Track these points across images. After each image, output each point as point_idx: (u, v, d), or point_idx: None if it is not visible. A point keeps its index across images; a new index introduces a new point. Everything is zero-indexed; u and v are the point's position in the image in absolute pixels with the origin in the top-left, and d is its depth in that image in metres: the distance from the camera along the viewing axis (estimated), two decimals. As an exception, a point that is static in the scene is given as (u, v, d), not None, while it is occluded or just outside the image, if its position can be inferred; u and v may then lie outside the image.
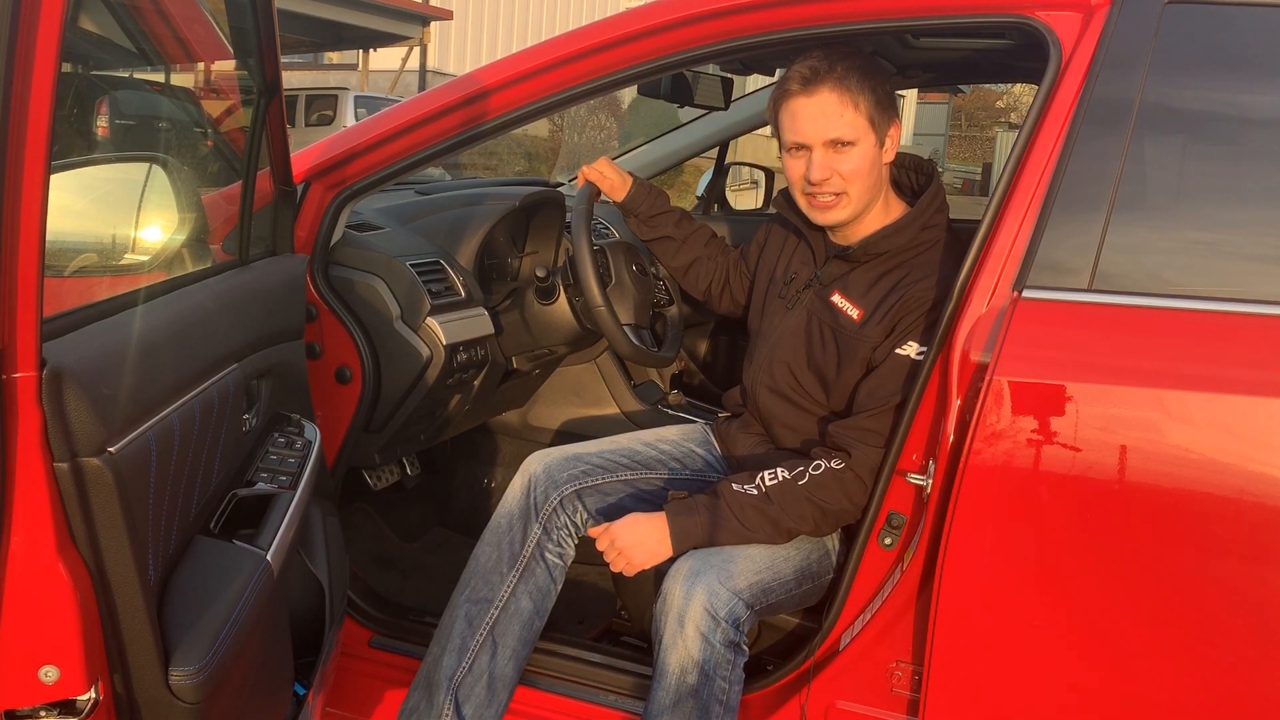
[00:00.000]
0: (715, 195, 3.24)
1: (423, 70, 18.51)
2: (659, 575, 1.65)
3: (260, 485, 1.41)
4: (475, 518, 2.59)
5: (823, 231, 1.78)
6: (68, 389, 0.97)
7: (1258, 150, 1.43)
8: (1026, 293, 1.41)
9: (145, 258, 1.48)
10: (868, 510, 1.59)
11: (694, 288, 2.12)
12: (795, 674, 1.70)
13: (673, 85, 2.65)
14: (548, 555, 1.81)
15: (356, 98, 13.95)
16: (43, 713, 1.03)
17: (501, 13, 21.35)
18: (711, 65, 2.21)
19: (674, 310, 2.45)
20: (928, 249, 1.67)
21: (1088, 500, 1.36)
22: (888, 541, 1.57)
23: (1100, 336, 1.40)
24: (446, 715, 1.74)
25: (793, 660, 1.69)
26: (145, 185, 1.49)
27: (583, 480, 1.85)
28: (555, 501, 1.81)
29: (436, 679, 1.77)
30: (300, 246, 1.81)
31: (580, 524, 1.83)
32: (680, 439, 1.99)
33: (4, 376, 0.93)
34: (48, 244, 0.94)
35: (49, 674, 1.00)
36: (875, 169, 1.67)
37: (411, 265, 1.93)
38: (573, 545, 1.84)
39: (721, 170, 3.24)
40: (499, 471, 2.69)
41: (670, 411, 2.53)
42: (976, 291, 1.45)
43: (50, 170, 0.94)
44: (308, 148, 1.88)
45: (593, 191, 2.03)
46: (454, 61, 19.47)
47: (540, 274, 2.15)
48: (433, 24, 18.40)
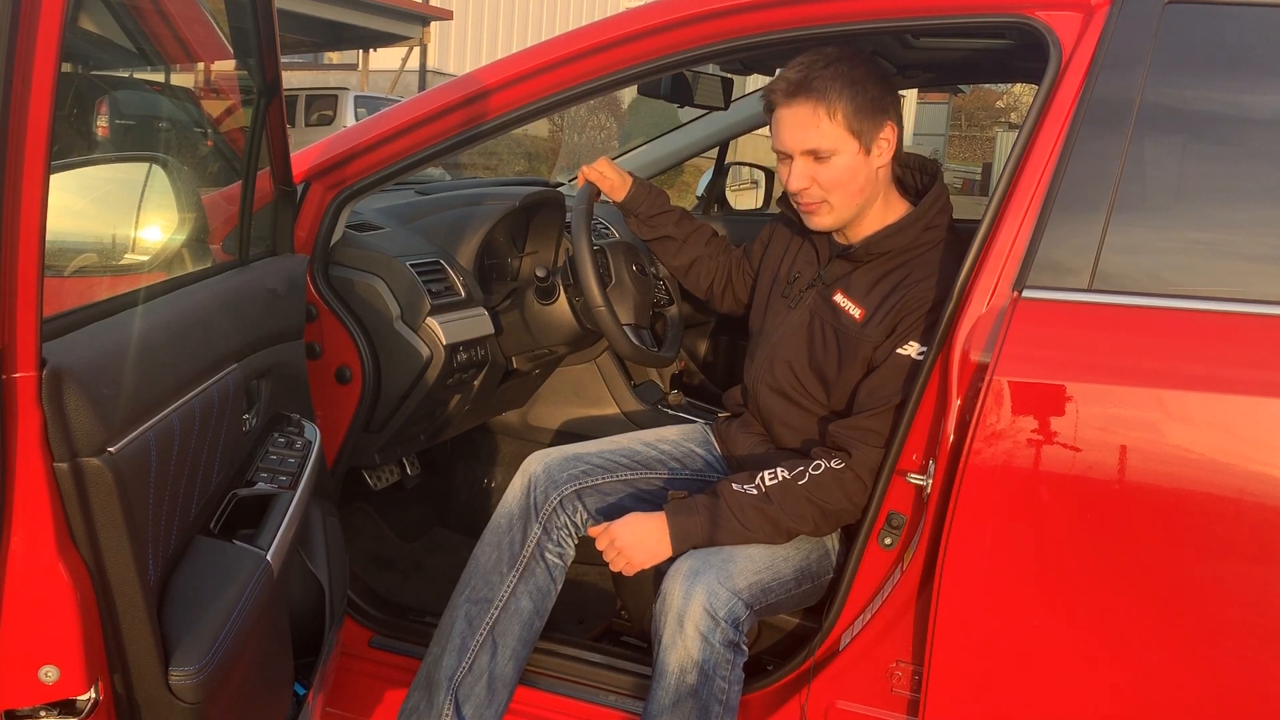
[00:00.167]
0: (715, 195, 3.24)
1: (423, 70, 18.51)
2: (659, 575, 1.65)
3: (260, 485, 1.41)
4: (475, 518, 2.59)
5: (826, 231, 1.78)
6: (68, 389, 0.97)
7: (1258, 150, 1.43)
8: (1026, 293, 1.41)
9: (145, 258, 1.48)
10: (868, 510, 1.59)
11: (695, 287, 2.12)
12: (795, 674, 1.70)
13: (673, 85, 2.65)
14: (548, 555, 1.81)
15: (356, 98, 13.95)
16: (43, 713, 1.03)
17: (501, 13, 21.35)
18: (711, 65, 2.21)
19: (674, 310, 2.45)
20: (930, 249, 1.67)
21: (1088, 500, 1.36)
22: (888, 541, 1.57)
23: (1100, 336, 1.40)
24: (446, 715, 1.74)
25: (793, 660, 1.69)
26: (145, 185, 1.49)
27: (583, 480, 1.85)
28: (555, 501, 1.81)
29: (436, 679, 1.77)
30: (300, 246, 1.81)
31: (580, 524, 1.83)
32: (680, 439, 1.98)
33: (4, 376, 0.93)
34: (48, 244, 0.94)
35: (49, 674, 1.00)
36: (860, 177, 1.65)
37: (411, 265, 1.93)
38: (573, 545, 1.84)
39: (721, 170, 3.24)
40: (499, 471, 2.69)
41: (670, 411, 2.53)
42: (976, 291, 1.45)
43: (50, 170, 0.94)
44: (308, 148, 1.88)
45: (593, 191, 2.03)
46: (454, 61, 19.47)
47: (540, 274, 2.15)
48: (433, 24, 18.40)
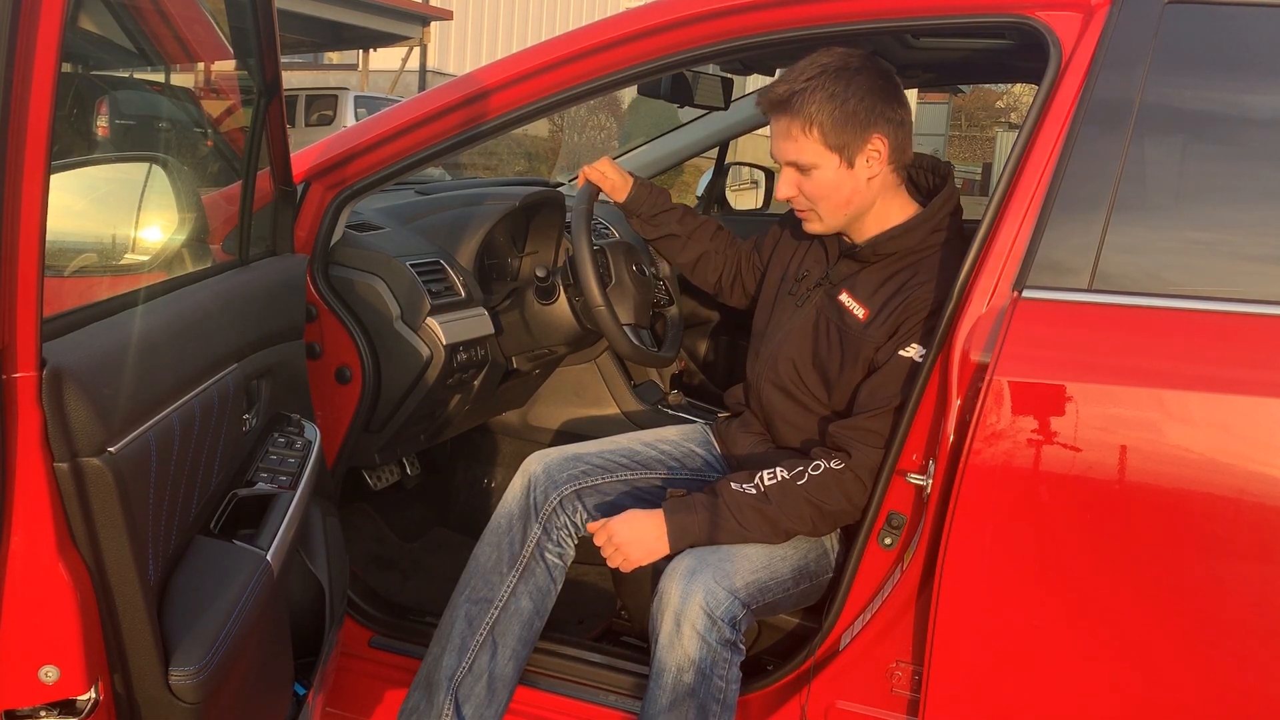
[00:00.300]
0: (715, 195, 3.24)
1: (423, 70, 18.51)
2: (658, 575, 1.65)
3: (260, 485, 1.41)
4: (475, 518, 2.59)
5: (823, 234, 1.78)
6: (68, 389, 0.97)
7: (1258, 150, 1.43)
8: (1026, 293, 1.41)
9: (145, 258, 1.48)
10: (868, 510, 1.59)
11: (704, 281, 2.10)
12: (795, 674, 1.70)
13: (673, 85, 2.65)
14: (548, 555, 1.81)
15: (356, 98, 13.95)
16: (43, 713, 1.02)
17: (501, 13, 21.35)
18: (711, 65, 2.21)
19: (674, 310, 2.45)
20: (937, 251, 1.67)
21: (1088, 500, 1.36)
22: (888, 541, 1.57)
23: (1100, 336, 1.40)
24: (446, 715, 1.74)
25: (793, 660, 1.69)
26: (145, 185, 1.49)
27: (582, 480, 1.85)
28: (555, 501, 1.81)
29: (436, 679, 1.77)
30: (300, 246, 1.81)
31: (580, 524, 1.83)
32: (680, 439, 1.98)
33: (4, 376, 0.93)
34: (48, 244, 0.94)
35: (49, 674, 1.00)
36: (844, 189, 1.65)
37: (411, 265, 1.93)
38: (573, 545, 1.84)
39: (721, 170, 3.24)
40: (499, 471, 2.69)
41: (670, 411, 2.53)
42: (976, 291, 1.45)
43: (50, 170, 0.94)
44: (308, 148, 1.88)
45: (593, 191, 2.02)
46: (454, 61, 19.47)
47: (540, 274, 2.15)
48: (433, 24, 18.40)
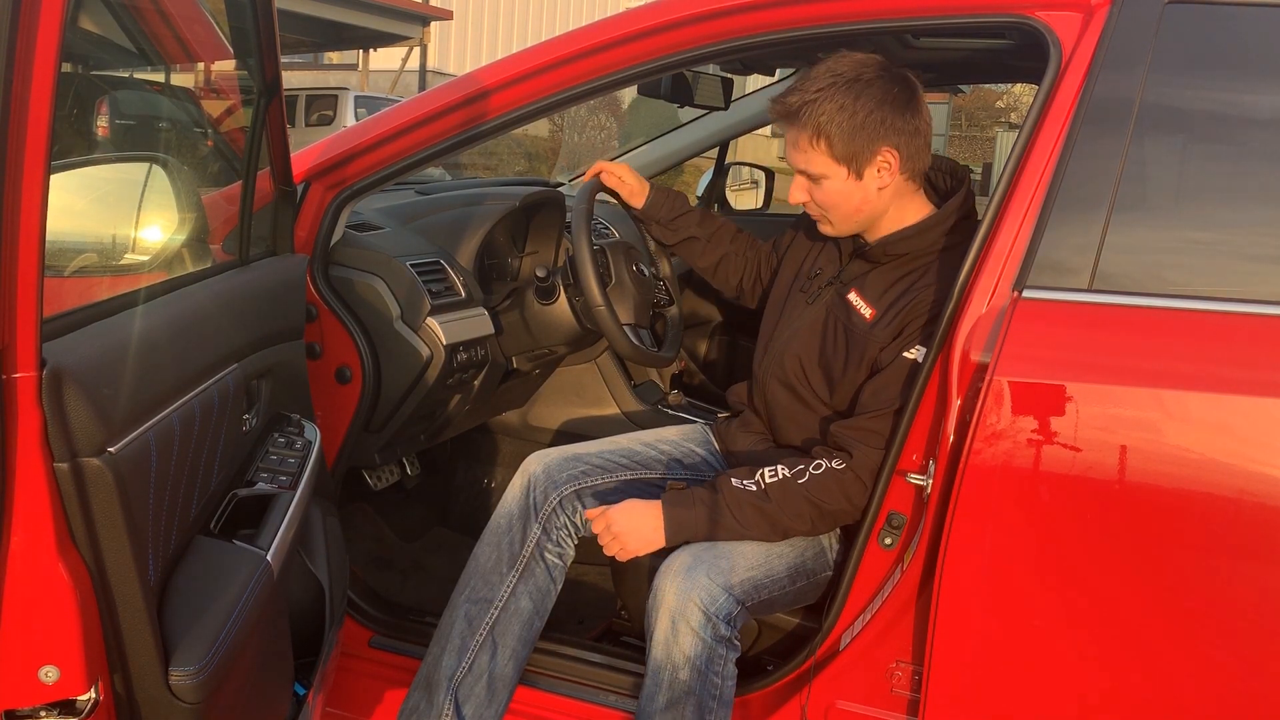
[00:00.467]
0: (715, 195, 3.24)
1: (423, 70, 18.52)
2: (655, 574, 1.65)
3: (260, 485, 1.41)
4: (475, 518, 2.59)
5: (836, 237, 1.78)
6: (68, 389, 0.97)
7: (1258, 150, 1.43)
8: (1026, 293, 1.41)
9: (145, 258, 1.48)
10: (868, 510, 1.59)
11: (725, 285, 2.10)
12: (795, 674, 1.70)
13: (673, 85, 2.65)
14: (547, 555, 1.81)
15: (356, 98, 13.96)
16: (43, 713, 1.03)
17: (501, 13, 21.36)
18: (711, 65, 2.21)
19: (674, 310, 2.45)
20: (946, 253, 1.66)
21: (1088, 500, 1.36)
22: (888, 541, 1.57)
23: (1100, 336, 1.40)
24: (446, 715, 1.74)
25: (793, 660, 1.69)
26: (145, 185, 1.49)
27: (582, 480, 1.85)
28: (555, 501, 1.81)
29: (436, 679, 1.77)
30: (300, 246, 1.81)
31: (580, 524, 1.83)
32: (680, 439, 1.98)
33: (4, 376, 0.93)
34: (48, 244, 0.94)
35: (49, 674, 1.00)
36: (853, 199, 1.65)
37: (411, 265, 1.93)
38: (572, 545, 1.84)
39: (721, 170, 3.24)
40: (499, 471, 2.69)
41: (670, 411, 2.53)
42: (976, 291, 1.45)
43: (50, 170, 0.94)
44: (308, 148, 1.88)
45: (593, 191, 2.02)
46: (454, 61, 19.49)
47: (540, 274, 2.15)
48: (433, 24, 18.42)
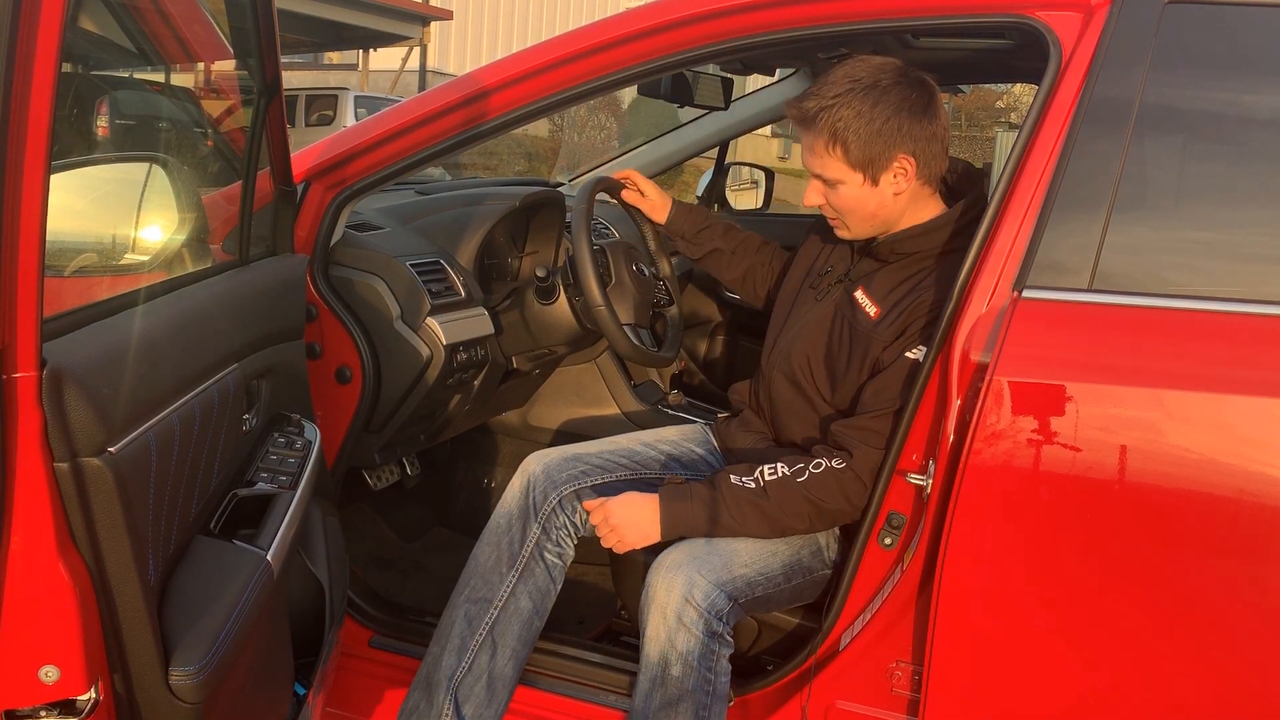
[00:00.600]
0: (715, 195, 3.23)
1: (423, 70, 18.52)
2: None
3: (260, 485, 1.41)
4: (475, 518, 2.59)
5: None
6: (68, 389, 0.97)
7: (1258, 150, 1.43)
8: (1026, 293, 1.41)
9: (145, 258, 1.48)
10: (868, 510, 1.59)
11: (754, 296, 2.10)
12: (796, 674, 1.70)
13: (673, 85, 2.65)
14: (547, 555, 1.81)
15: (356, 98, 13.96)
16: (43, 713, 1.03)
17: (501, 13, 21.36)
18: (711, 65, 2.21)
19: (674, 310, 2.45)
20: (951, 254, 1.65)
21: (1087, 500, 1.36)
22: (888, 541, 1.57)
23: (1100, 336, 1.40)
24: (446, 714, 1.74)
25: (793, 660, 1.69)
26: (145, 185, 1.49)
27: (582, 480, 1.85)
28: (554, 501, 1.81)
29: (436, 678, 1.77)
30: (300, 246, 1.81)
31: (579, 524, 1.83)
32: (680, 439, 1.98)
33: (4, 376, 0.93)
34: (48, 244, 0.94)
35: (49, 674, 1.00)
36: (869, 204, 1.66)
37: (411, 265, 1.93)
38: (572, 545, 1.84)
39: (721, 170, 3.24)
40: (499, 471, 2.69)
41: (670, 411, 2.53)
42: (976, 291, 1.45)
43: (50, 170, 0.94)
44: (308, 148, 1.88)
45: (593, 191, 2.02)
46: (454, 61, 19.48)
47: (540, 274, 2.15)
48: (433, 24, 18.41)
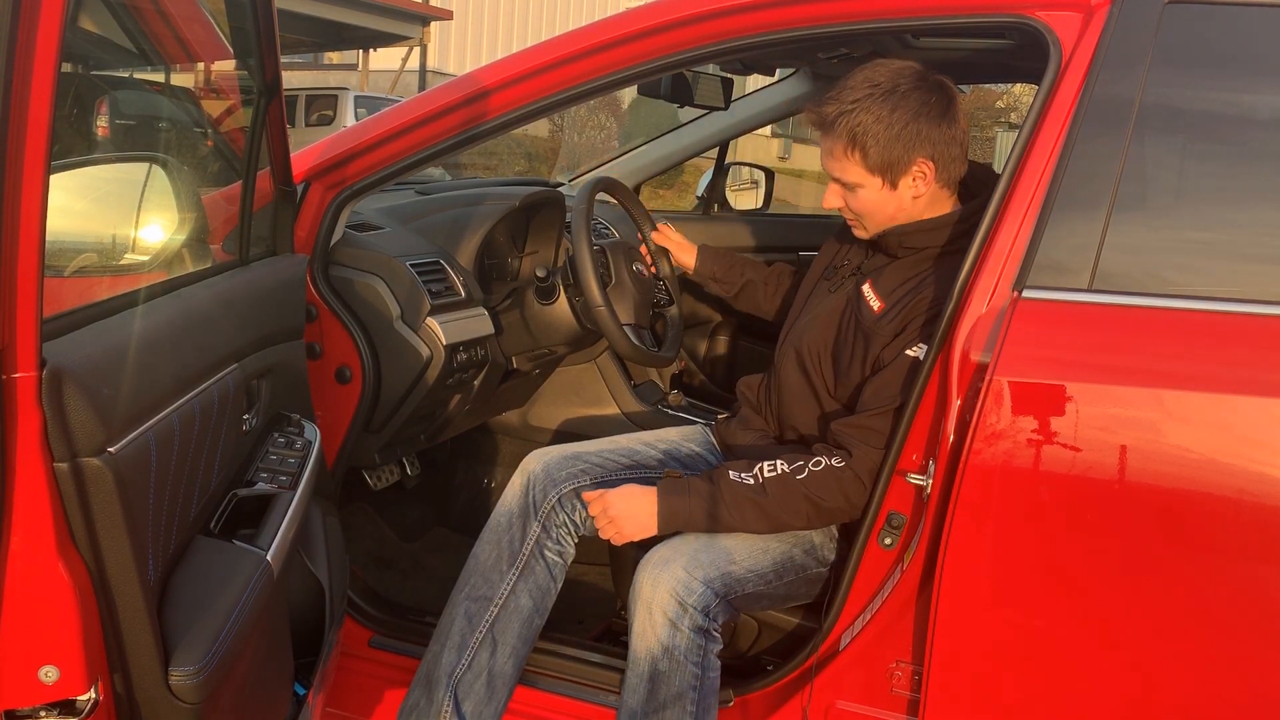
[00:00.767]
0: (715, 195, 3.23)
1: (423, 70, 18.51)
2: None
3: (260, 485, 1.41)
4: (475, 518, 2.58)
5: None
6: (68, 389, 0.97)
7: (1258, 150, 1.43)
8: (1026, 293, 1.41)
9: (145, 258, 1.48)
10: (868, 510, 1.59)
11: None
12: (796, 674, 1.70)
13: (673, 85, 2.65)
14: (547, 553, 1.81)
15: (356, 98, 13.95)
16: (43, 713, 1.02)
17: (501, 13, 21.35)
18: (711, 65, 2.21)
19: (674, 310, 2.45)
20: (956, 254, 1.64)
21: (1087, 500, 1.36)
22: (888, 541, 1.57)
23: (1100, 336, 1.40)
24: (446, 712, 1.74)
25: (793, 660, 1.70)
26: (145, 185, 1.49)
27: (581, 479, 1.85)
28: (554, 500, 1.82)
29: (436, 676, 1.77)
30: (300, 246, 1.81)
31: (579, 522, 1.83)
32: (680, 439, 1.98)
33: (4, 376, 0.93)
34: (48, 244, 0.94)
35: (49, 674, 1.00)
36: (888, 207, 1.67)
37: (411, 265, 1.93)
38: (572, 544, 1.84)
39: (721, 170, 3.23)
40: (499, 471, 2.69)
41: (670, 412, 2.52)
42: (976, 291, 1.45)
43: (50, 170, 0.94)
44: (308, 148, 1.88)
45: (593, 191, 2.02)
46: (454, 61, 19.47)
47: (540, 274, 2.15)
48: (433, 24, 18.40)
